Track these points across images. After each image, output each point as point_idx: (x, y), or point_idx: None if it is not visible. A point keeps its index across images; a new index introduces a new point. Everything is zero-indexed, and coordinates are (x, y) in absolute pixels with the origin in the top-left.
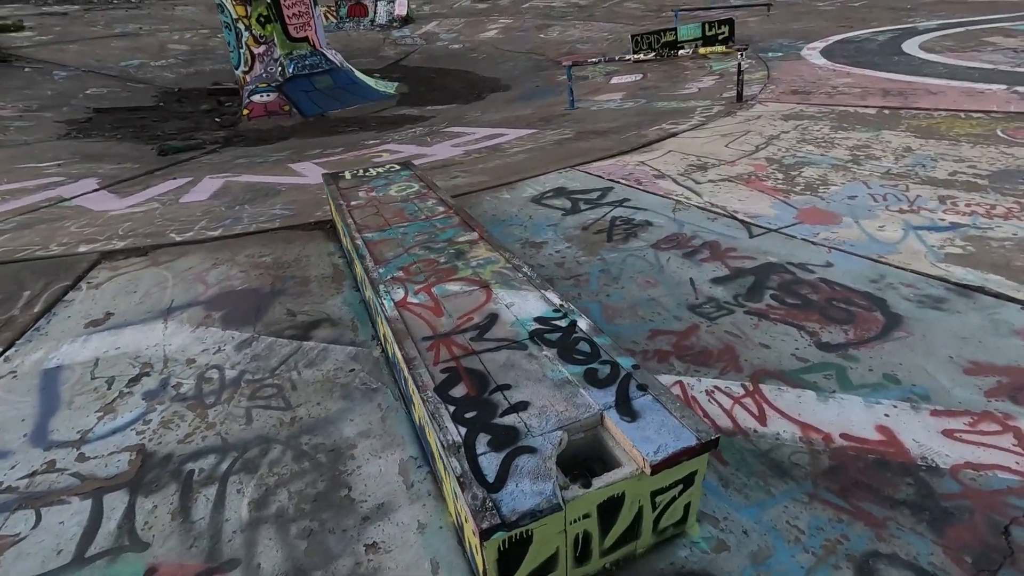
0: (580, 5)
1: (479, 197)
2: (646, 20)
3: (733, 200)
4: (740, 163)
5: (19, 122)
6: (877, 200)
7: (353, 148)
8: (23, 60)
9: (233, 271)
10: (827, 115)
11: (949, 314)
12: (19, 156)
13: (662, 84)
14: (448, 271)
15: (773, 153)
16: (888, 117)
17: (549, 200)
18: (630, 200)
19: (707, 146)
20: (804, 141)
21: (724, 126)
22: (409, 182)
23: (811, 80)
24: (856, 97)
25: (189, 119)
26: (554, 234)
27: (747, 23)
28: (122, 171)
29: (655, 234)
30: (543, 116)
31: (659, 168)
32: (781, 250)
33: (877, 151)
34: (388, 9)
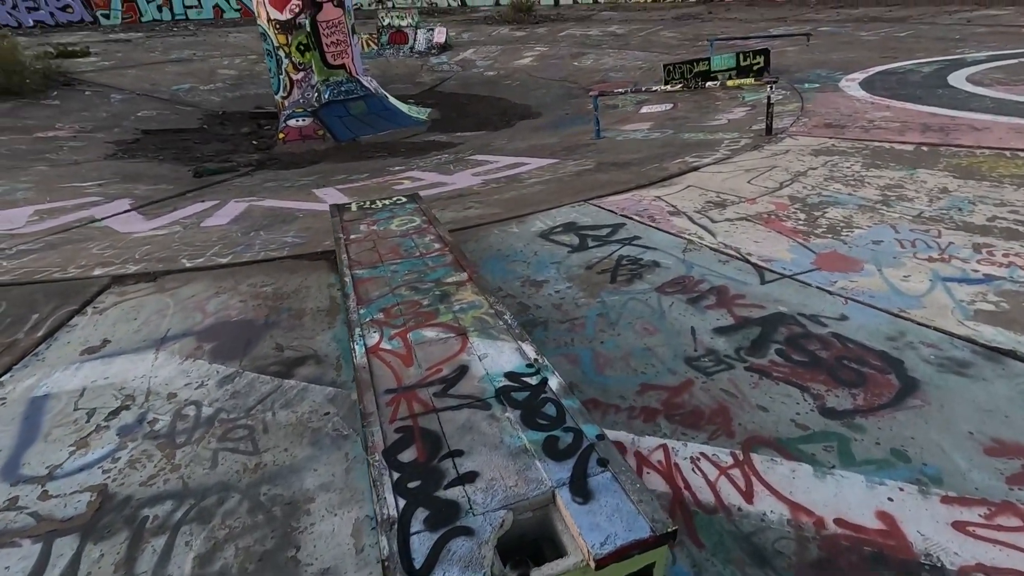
0: (616, 34)
1: (488, 230)
2: (681, 49)
3: (748, 241)
4: (761, 201)
5: (73, 142)
6: (904, 246)
7: (378, 174)
8: (85, 84)
9: (233, 301)
10: (860, 151)
11: (973, 381)
12: (66, 175)
13: (692, 114)
14: (429, 315)
15: (797, 191)
16: (926, 154)
17: (557, 235)
18: (640, 238)
19: (728, 181)
20: (832, 179)
21: (749, 160)
22: (412, 216)
23: (847, 113)
24: (893, 132)
25: (229, 141)
26: (557, 272)
27: (785, 53)
28: (156, 192)
29: (661, 276)
30: (568, 145)
31: (675, 204)
32: (793, 299)
33: (910, 191)
34: (427, 37)
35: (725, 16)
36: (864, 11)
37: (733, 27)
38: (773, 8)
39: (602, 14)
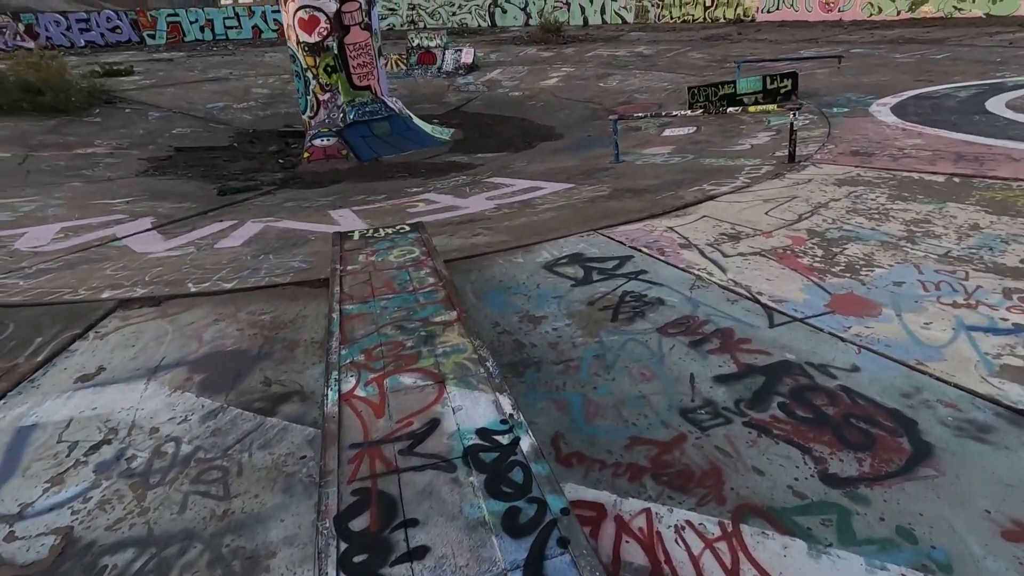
0: (644, 55)
1: (492, 259)
2: (708, 71)
3: (760, 279)
4: (777, 234)
5: (109, 159)
6: (928, 288)
7: (395, 196)
8: (126, 102)
9: (230, 329)
10: (887, 181)
11: (995, 449)
12: (98, 192)
13: (714, 138)
14: (410, 358)
15: (817, 224)
16: (957, 186)
17: (562, 267)
18: (647, 273)
19: (745, 212)
20: (855, 211)
21: (769, 190)
22: (412, 247)
23: (875, 140)
24: (924, 161)
25: (256, 159)
26: (557, 308)
27: (815, 75)
28: (179, 210)
29: (665, 315)
30: (586, 169)
31: (687, 236)
32: (802, 345)
33: (938, 227)
34: (455, 58)
35: (755, 37)
36: (900, 32)
37: (763, 48)
38: (805, 29)
39: (631, 35)
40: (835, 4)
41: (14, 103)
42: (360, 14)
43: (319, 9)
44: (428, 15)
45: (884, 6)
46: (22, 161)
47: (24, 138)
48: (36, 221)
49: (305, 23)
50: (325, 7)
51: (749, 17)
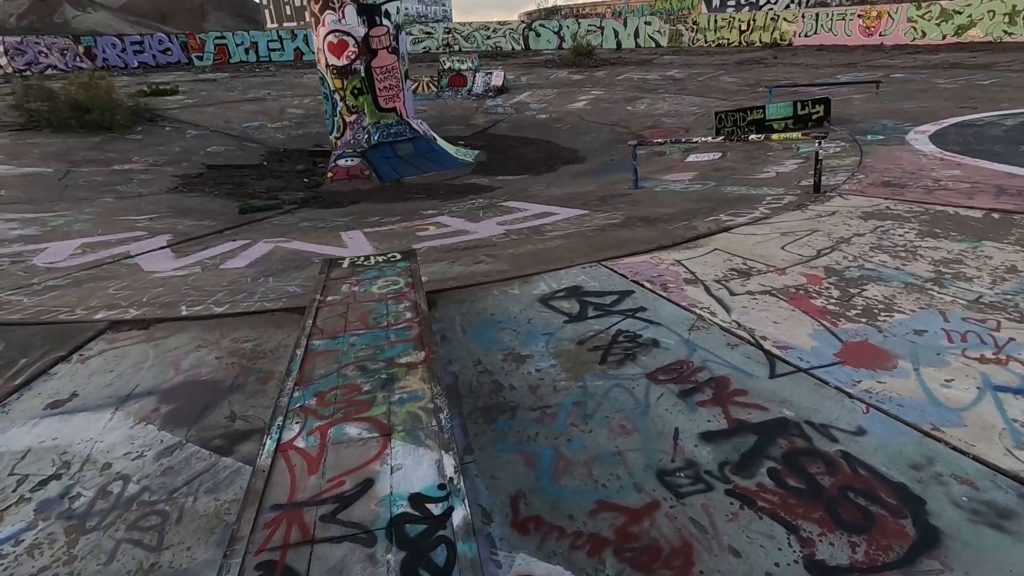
0: (675, 78)
1: (487, 290)
2: (739, 95)
3: (767, 321)
4: (792, 271)
5: (143, 175)
6: (953, 339)
7: (409, 218)
8: (167, 120)
9: (210, 357)
10: (917, 216)
11: (1015, 541)
12: (127, 208)
13: (739, 165)
14: (362, 405)
15: (836, 261)
16: (996, 223)
17: (559, 301)
18: (646, 310)
19: (760, 246)
20: (879, 248)
21: (789, 222)
22: (398, 277)
23: (910, 170)
24: (961, 194)
25: (283, 178)
26: (546, 346)
27: (851, 101)
28: (198, 228)
29: (657, 359)
30: (604, 194)
31: (695, 271)
32: (804, 400)
33: (970, 268)
34: (485, 80)
35: (791, 61)
36: (944, 57)
37: (798, 73)
38: (844, 54)
39: (663, 58)
40: (876, 28)
41: (63, 120)
42: (388, 38)
43: (348, 33)
44: (463, 38)
45: (928, 30)
46: (63, 176)
47: (68, 154)
48: (61, 236)
49: (334, 47)
50: (354, 31)
51: (786, 41)
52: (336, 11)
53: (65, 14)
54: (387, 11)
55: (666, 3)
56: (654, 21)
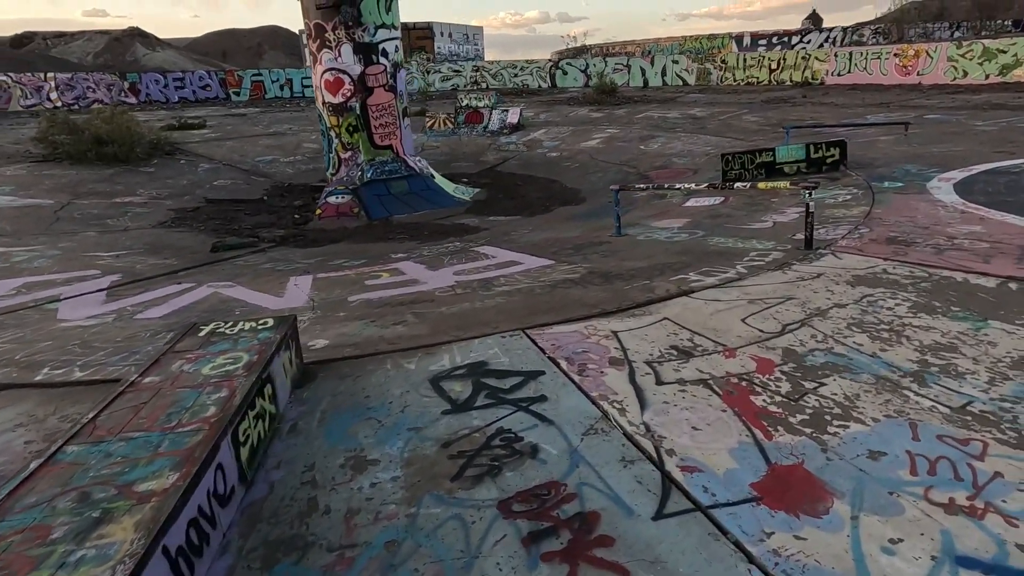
0: (696, 117)
1: (380, 362)
2: (759, 135)
3: (684, 427)
4: (743, 353)
5: (141, 208)
6: (917, 470)
7: (375, 262)
8: (184, 153)
9: (18, 442)
10: (918, 283)
11: None
12: (103, 243)
13: (738, 212)
14: (26, 564)
15: (802, 341)
16: (1011, 296)
17: (452, 382)
18: (546, 400)
19: (718, 317)
20: (859, 326)
21: (763, 285)
22: (247, 352)
23: (923, 224)
24: (977, 257)
25: (276, 213)
26: (404, 447)
27: (876, 143)
28: (158, 267)
29: (525, 477)
30: (582, 242)
31: (628, 347)
32: (683, 562)
33: (966, 360)
34: (501, 117)
35: (820, 100)
36: (986, 97)
37: (825, 112)
38: (877, 93)
39: (688, 96)
40: (913, 67)
41: (82, 153)
42: (385, 76)
43: (344, 71)
44: (491, 76)
45: (970, 69)
46: (60, 208)
47: (77, 185)
48: (13, 273)
49: (331, 84)
50: (350, 69)
51: (818, 80)
52: (333, 49)
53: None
54: (384, 49)
55: (696, 43)
56: (682, 60)
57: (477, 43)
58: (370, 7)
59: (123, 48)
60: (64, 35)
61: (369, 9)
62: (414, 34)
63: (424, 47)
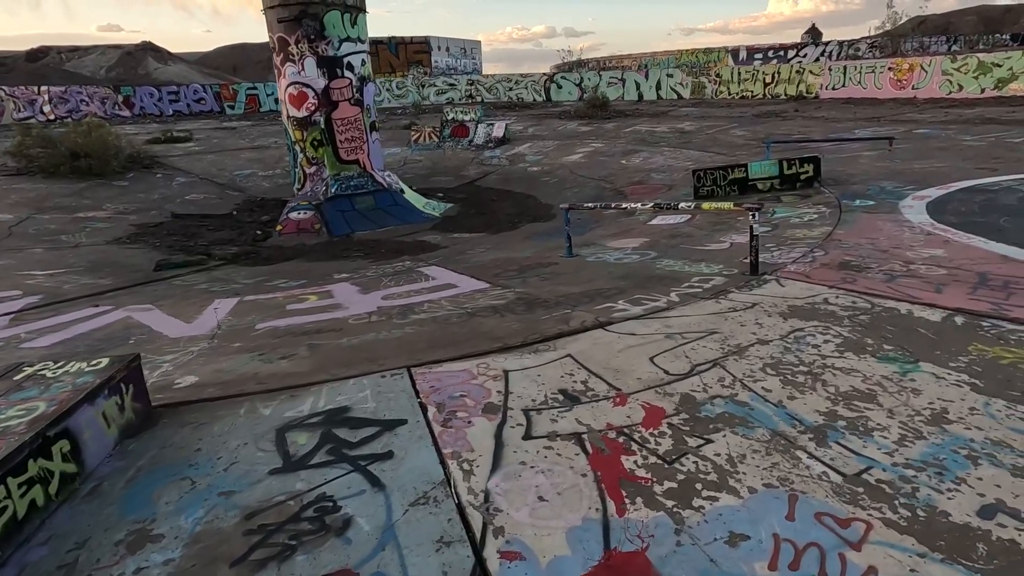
0: (683, 131)
1: (235, 407)
2: (743, 150)
3: (530, 497)
4: (636, 400)
5: (102, 223)
6: (778, 560)
7: (313, 283)
8: (162, 167)
9: None
10: (857, 315)
11: None
12: (43, 261)
13: (700, 232)
14: None
15: (706, 386)
16: (953, 333)
17: (300, 432)
18: (390, 459)
19: (627, 354)
20: (776, 367)
21: (690, 316)
22: (43, 402)
23: (884, 247)
24: (929, 284)
25: (241, 229)
26: (199, 519)
27: (858, 159)
28: (88, 287)
29: (312, 565)
30: (530, 264)
31: (513, 390)
32: None
33: (879, 413)
34: (487, 131)
35: (811, 115)
36: (980, 111)
37: (814, 127)
38: (871, 107)
39: (680, 110)
40: (908, 81)
41: (55, 166)
42: (350, 90)
43: (308, 85)
44: (486, 90)
45: (965, 83)
46: (16, 223)
47: (42, 200)
48: None
49: (294, 98)
50: (313, 83)
51: (812, 94)
52: (296, 63)
53: (148, 66)
54: (350, 63)
55: (692, 57)
56: (676, 74)
57: (475, 57)
58: (334, 20)
59: (135, 62)
60: (78, 49)
61: (333, 23)
62: (411, 48)
63: (421, 61)
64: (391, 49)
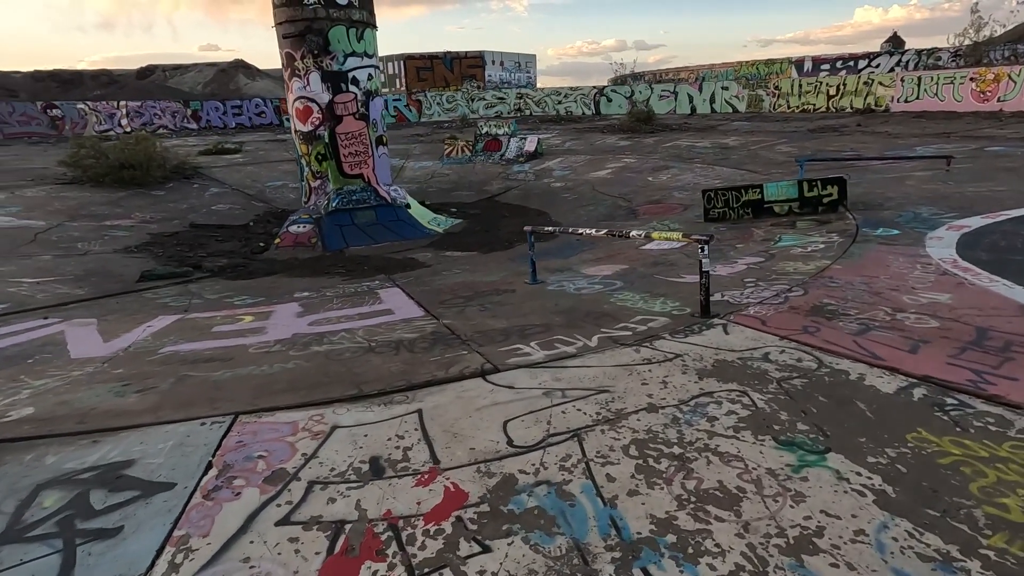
0: (726, 146)
1: (23, 451)
2: (781, 168)
3: None
4: (447, 478)
5: (122, 232)
6: None
7: (267, 301)
8: (201, 177)
9: None
10: (792, 377)
11: None
12: (43, 268)
13: (686, 259)
14: None
15: (541, 465)
16: (902, 410)
17: (55, 491)
18: (113, 536)
19: (483, 414)
20: (645, 445)
21: (593, 367)
22: None
23: (878, 289)
24: (907, 341)
25: (249, 241)
26: None
27: (906, 180)
28: (62, 297)
29: None
30: (489, 289)
31: (321, 454)
32: None
33: (729, 528)
34: (519, 145)
35: (873, 129)
36: None
37: (872, 143)
38: (945, 121)
39: (731, 124)
40: (993, 92)
41: (102, 176)
42: (355, 104)
43: (312, 100)
44: (535, 103)
45: None
46: (44, 230)
47: (79, 207)
48: None
49: (300, 112)
50: (318, 98)
51: (881, 107)
52: (302, 78)
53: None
54: (355, 78)
55: (752, 68)
56: (732, 86)
57: (529, 71)
58: (339, 36)
59: (228, 78)
60: (180, 67)
61: (338, 38)
62: (465, 62)
63: (475, 75)
64: (446, 64)
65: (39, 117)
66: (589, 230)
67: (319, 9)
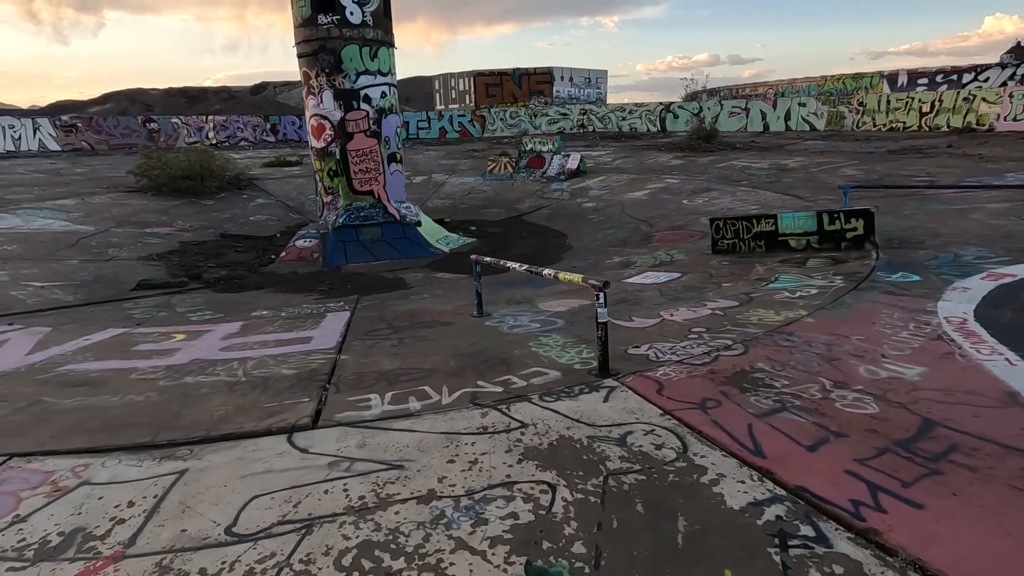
0: (784, 168)
1: None
2: (833, 195)
3: None
4: (126, 567)
5: (155, 239)
6: None
7: (227, 318)
8: (253, 189)
9: None
10: (628, 471)
11: None
12: (61, 272)
13: (660, 298)
14: None
15: (237, 562)
16: (732, 544)
17: None
18: None
19: (238, 487)
20: (365, 555)
21: (415, 433)
22: None
23: (841, 352)
24: (811, 434)
25: (263, 252)
26: None
27: (971, 213)
28: (49, 303)
29: None
30: (429, 320)
31: (33, 519)
32: None
33: None
34: (561, 163)
35: (965, 152)
36: None
37: (955, 167)
38: None
39: (804, 143)
40: None
41: (161, 185)
42: (366, 122)
43: (325, 117)
44: (598, 119)
45: None
46: (89, 236)
47: (131, 215)
48: None
49: (315, 129)
50: (330, 115)
51: (984, 125)
52: (316, 96)
53: None
54: (367, 96)
55: (838, 83)
56: (809, 102)
57: (599, 86)
58: (351, 55)
59: None
60: (288, 84)
61: (350, 56)
62: (534, 78)
63: (543, 91)
64: (515, 80)
65: (139, 130)
66: (515, 264)
67: (332, 29)
